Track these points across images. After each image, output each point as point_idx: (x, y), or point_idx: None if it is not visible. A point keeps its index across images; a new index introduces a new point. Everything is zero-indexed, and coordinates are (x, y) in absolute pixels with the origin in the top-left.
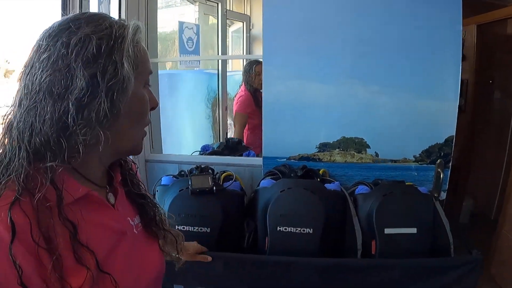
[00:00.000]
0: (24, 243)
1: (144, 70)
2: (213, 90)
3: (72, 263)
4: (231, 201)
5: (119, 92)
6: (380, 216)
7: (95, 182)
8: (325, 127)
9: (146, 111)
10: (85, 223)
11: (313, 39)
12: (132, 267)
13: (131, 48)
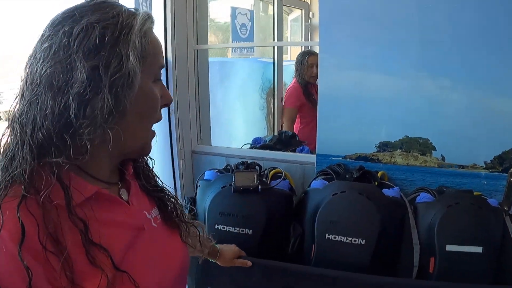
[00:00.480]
0: (29, 250)
1: (154, 63)
2: (268, 79)
3: (85, 266)
4: (277, 201)
5: (124, 88)
6: (443, 230)
7: (104, 180)
8: (387, 124)
9: (156, 108)
10: (97, 222)
11: (376, 24)
12: (155, 262)
13: (138, 39)
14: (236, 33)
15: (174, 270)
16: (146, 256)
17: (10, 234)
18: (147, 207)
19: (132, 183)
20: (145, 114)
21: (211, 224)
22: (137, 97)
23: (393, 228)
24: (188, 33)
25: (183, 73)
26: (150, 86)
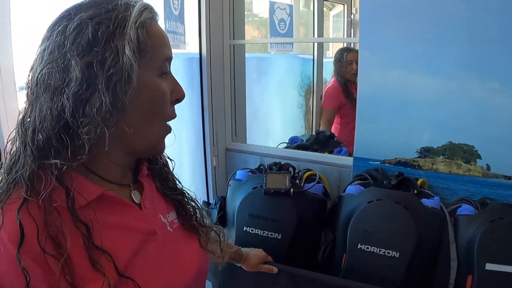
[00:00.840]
0: (28, 252)
1: (156, 56)
2: (308, 76)
3: (87, 270)
4: (309, 206)
5: (121, 83)
6: (483, 246)
7: (115, 181)
8: (430, 128)
9: (162, 104)
10: (102, 226)
11: (421, 20)
12: (165, 268)
13: (134, 31)
14: (275, 28)
15: (187, 277)
16: (155, 262)
17: (9, 236)
18: (163, 210)
19: (146, 185)
20: (151, 111)
21: (240, 225)
22: (138, 93)
23: (431, 242)
24: (224, 28)
25: (218, 68)
26: (153, 80)
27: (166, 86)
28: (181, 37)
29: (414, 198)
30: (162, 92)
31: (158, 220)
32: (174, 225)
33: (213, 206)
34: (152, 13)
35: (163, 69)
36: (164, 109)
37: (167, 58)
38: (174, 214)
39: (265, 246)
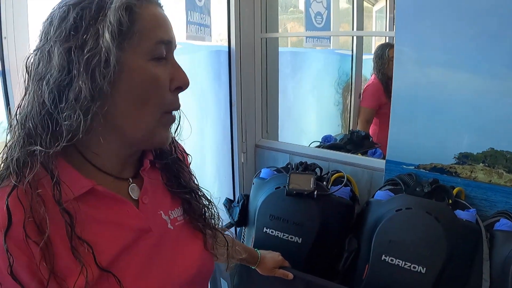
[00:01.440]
0: (13, 238)
1: (146, 39)
2: (346, 73)
3: (69, 262)
4: (334, 210)
5: (100, 67)
6: None
7: (112, 173)
8: (470, 133)
9: (156, 90)
10: (89, 219)
11: (462, 14)
12: (159, 266)
13: (114, 15)
14: (311, 22)
15: (185, 276)
16: (147, 260)
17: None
18: (166, 206)
19: (147, 180)
20: (142, 98)
21: (260, 226)
22: (123, 78)
23: (462, 258)
24: (255, 20)
25: (248, 62)
26: (141, 64)
27: (163, 71)
28: (206, 29)
29: (447, 209)
30: (152, 77)
31: (158, 217)
32: (177, 222)
33: (235, 204)
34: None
35: (157, 53)
36: (160, 97)
37: (160, 40)
38: (179, 211)
39: (284, 249)
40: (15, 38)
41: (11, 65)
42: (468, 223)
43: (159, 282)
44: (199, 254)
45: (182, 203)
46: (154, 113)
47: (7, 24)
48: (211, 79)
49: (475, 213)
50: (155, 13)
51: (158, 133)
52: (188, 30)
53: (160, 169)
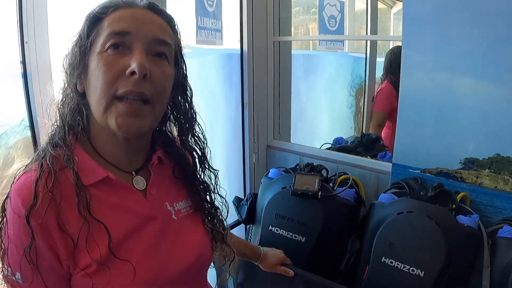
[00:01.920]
0: (36, 217)
1: (100, 36)
2: (359, 76)
3: (82, 242)
4: (337, 211)
5: (72, 66)
6: None
7: (118, 166)
8: (476, 138)
9: (102, 76)
10: (103, 203)
11: (469, 17)
12: (161, 252)
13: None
14: (324, 25)
15: (183, 263)
16: (151, 245)
17: (22, 201)
18: (172, 198)
19: (154, 174)
20: (94, 85)
21: (266, 224)
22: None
23: (461, 264)
24: (268, 24)
25: (261, 65)
26: (96, 57)
27: (116, 59)
28: (217, 33)
29: (448, 214)
30: (103, 65)
31: (164, 207)
32: (181, 214)
33: (244, 203)
34: (109, 5)
35: (109, 43)
36: (109, 81)
37: (111, 32)
38: (184, 203)
39: (288, 247)
40: (36, 43)
41: (32, 68)
42: (469, 228)
43: (160, 266)
44: (199, 244)
45: (191, 195)
46: (103, 98)
47: (28, 30)
48: (222, 81)
49: (478, 219)
50: (120, 14)
51: (109, 119)
52: (198, 35)
53: (174, 162)
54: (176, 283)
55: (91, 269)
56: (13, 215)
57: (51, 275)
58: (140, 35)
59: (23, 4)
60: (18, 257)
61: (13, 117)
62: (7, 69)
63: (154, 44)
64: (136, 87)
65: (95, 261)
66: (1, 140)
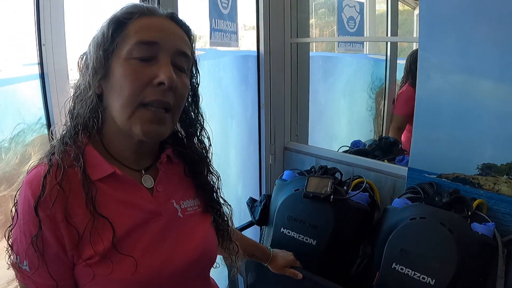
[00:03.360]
0: (44, 209)
1: (126, 44)
2: (379, 78)
3: (87, 235)
4: (349, 215)
5: (93, 69)
6: None
7: (126, 164)
8: (494, 143)
9: (130, 84)
10: (110, 198)
11: (486, 18)
12: (164, 247)
13: (106, 28)
14: (343, 26)
15: (186, 260)
16: (154, 240)
17: (32, 192)
18: (179, 197)
19: (162, 172)
20: (119, 91)
21: (278, 225)
22: (107, 78)
23: (474, 274)
24: (285, 26)
25: (278, 67)
26: (121, 64)
27: (143, 68)
28: (232, 35)
29: (462, 221)
30: (129, 72)
31: (170, 204)
32: (187, 212)
33: (257, 204)
34: (132, 10)
35: (137, 52)
36: (135, 90)
37: (138, 41)
38: (191, 202)
39: (299, 250)
40: (53, 44)
41: (49, 69)
42: (483, 237)
43: (162, 261)
44: (203, 242)
45: (199, 194)
46: (129, 105)
47: (45, 32)
48: (238, 82)
49: (493, 227)
50: (147, 22)
51: (134, 125)
52: (212, 37)
53: (184, 161)
54: (178, 279)
55: (94, 260)
56: (23, 206)
57: (56, 264)
58: (166, 46)
59: (41, 8)
60: (26, 245)
61: (31, 115)
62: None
63: (177, 56)
64: (164, 97)
65: (98, 254)
66: (19, 137)
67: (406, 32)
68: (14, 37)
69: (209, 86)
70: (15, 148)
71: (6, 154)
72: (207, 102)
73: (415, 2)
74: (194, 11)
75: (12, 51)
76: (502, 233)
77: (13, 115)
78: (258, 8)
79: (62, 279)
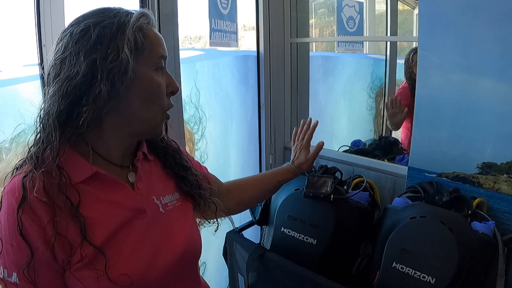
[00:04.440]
0: (28, 213)
1: (152, 54)
2: (379, 78)
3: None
4: (350, 214)
5: (119, 74)
6: None
7: (114, 162)
8: (494, 141)
9: (158, 94)
10: (93, 199)
11: (486, 16)
12: (150, 243)
13: (132, 33)
14: (343, 26)
15: (172, 254)
16: (140, 237)
17: (16, 199)
18: (159, 192)
19: (140, 169)
20: (147, 99)
21: (278, 225)
22: (134, 83)
23: (474, 272)
24: (285, 26)
25: (278, 67)
26: (149, 73)
27: (162, 79)
28: (232, 35)
29: (462, 220)
30: (157, 83)
31: (151, 201)
32: (168, 207)
33: (258, 204)
34: (148, 19)
35: (159, 64)
36: (160, 99)
37: (161, 56)
38: (171, 197)
39: (299, 250)
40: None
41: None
42: (483, 236)
43: (150, 258)
44: (187, 236)
45: (178, 183)
46: (157, 111)
47: (46, 33)
48: (238, 83)
49: (494, 226)
50: (156, 33)
51: (158, 127)
52: (212, 37)
53: (158, 157)
54: (167, 275)
55: (82, 263)
56: (7, 215)
57: (47, 272)
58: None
59: (41, 9)
60: (14, 256)
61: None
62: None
63: None
64: (171, 102)
65: (86, 256)
66: (20, 138)
67: (406, 31)
68: (15, 38)
69: (209, 86)
70: (16, 149)
71: (7, 154)
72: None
73: (414, 2)
74: (194, 11)
75: (13, 52)
76: (502, 231)
77: (14, 116)
78: (258, 8)
79: (53, 286)
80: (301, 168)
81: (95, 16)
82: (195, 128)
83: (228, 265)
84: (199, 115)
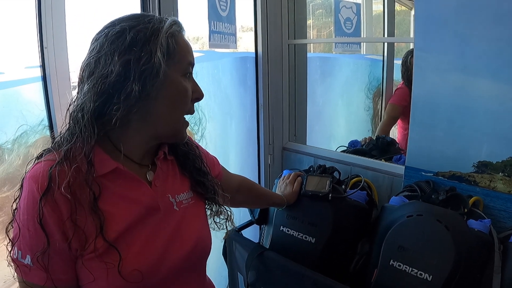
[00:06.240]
0: (49, 202)
1: (182, 60)
2: (377, 78)
3: (90, 230)
4: (348, 213)
5: (150, 76)
6: None
7: (134, 159)
8: (490, 141)
9: (184, 99)
10: (112, 193)
11: (482, 17)
12: (162, 240)
13: (165, 39)
14: (340, 27)
15: (182, 251)
16: (153, 233)
17: (38, 185)
18: (174, 191)
19: (159, 168)
20: (175, 102)
21: (277, 224)
22: (163, 86)
23: (471, 269)
24: (283, 27)
25: (276, 68)
26: (178, 78)
27: (188, 85)
28: (230, 37)
29: (458, 218)
30: (185, 88)
31: (166, 199)
32: (182, 205)
33: None
34: (179, 27)
35: (187, 70)
36: (186, 104)
37: (190, 62)
38: (186, 195)
39: (298, 248)
40: (54, 48)
41: (51, 72)
42: (479, 233)
43: (160, 253)
44: (198, 233)
45: (193, 185)
46: (181, 115)
47: (47, 35)
48: (236, 84)
49: (489, 223)
50: (185, 40)
51: (181, 131)
52: (211, 39)
53: (176, 158)
54: (176, 271)
55: (94, 254)
56: (27, 200)
57: (59, 258)
58: None
59: (42, 12)
60: (30, 240)
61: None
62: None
63: None
64: (194, 108)
65: (97, 248)
66: (22, 139)
67: (403, 32)
68: (16, 40)
69: (208, 88)
70: (18, 150)
71: (9, 155)
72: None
73: (411, 3)
74: (194, 14)
75: (15, 54)
76: (498, 229)
77: (16, 117)
78: (256, 10)
79: (65, 272)
80: (289, 199)
81: (130, 20)
82: (195, 128)
83: (228, 264)
84: (199, 116)
